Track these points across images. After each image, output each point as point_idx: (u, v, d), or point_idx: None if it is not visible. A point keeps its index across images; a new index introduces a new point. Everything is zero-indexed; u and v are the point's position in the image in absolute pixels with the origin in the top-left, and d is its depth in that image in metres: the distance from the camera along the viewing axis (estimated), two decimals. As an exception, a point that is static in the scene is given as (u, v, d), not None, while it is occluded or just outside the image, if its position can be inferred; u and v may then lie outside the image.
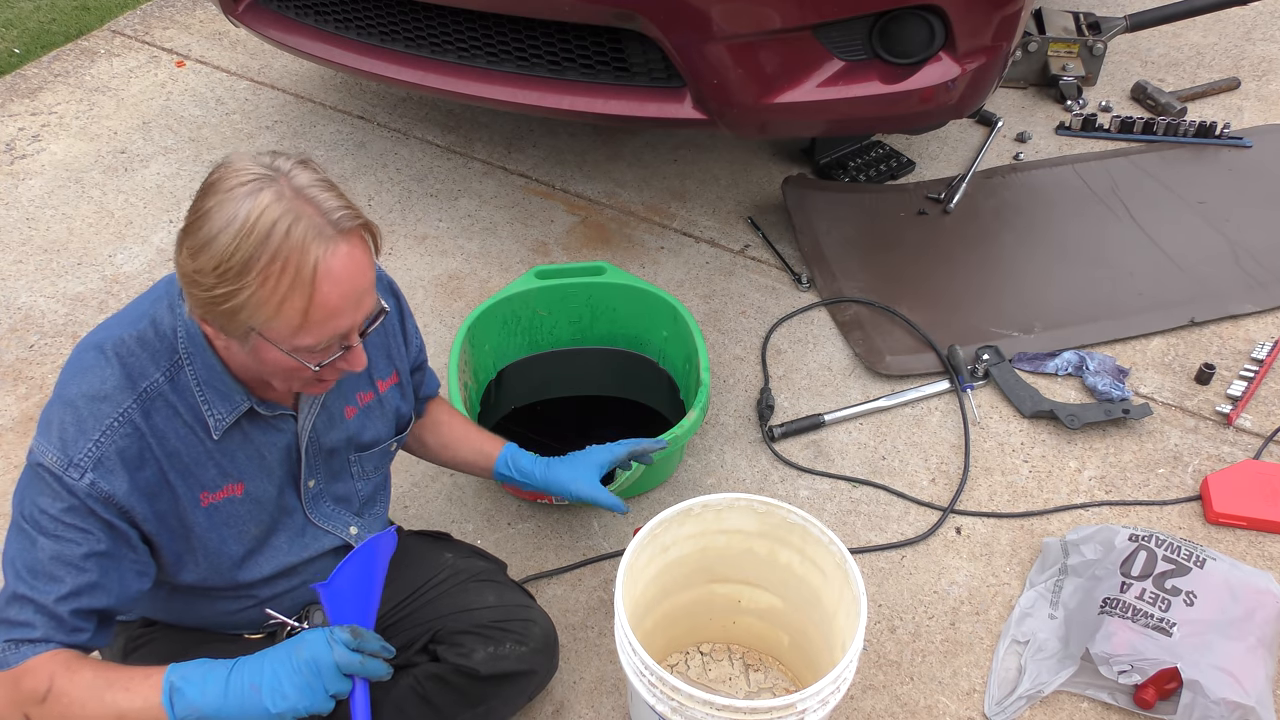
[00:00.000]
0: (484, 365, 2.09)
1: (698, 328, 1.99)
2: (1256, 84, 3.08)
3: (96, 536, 1.17)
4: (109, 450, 1.15)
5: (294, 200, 1.08)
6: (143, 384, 1.18)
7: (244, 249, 1.06)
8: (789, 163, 2.85)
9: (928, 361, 2.25)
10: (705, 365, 1.91)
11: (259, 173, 1.09)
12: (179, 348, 1.20)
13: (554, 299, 2.09)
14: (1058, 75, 3.02)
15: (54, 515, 1.15)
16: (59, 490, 1.15)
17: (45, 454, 1.15)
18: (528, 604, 1.58)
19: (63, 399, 1.17)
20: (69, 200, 2.75)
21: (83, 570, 1.17)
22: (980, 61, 2.08)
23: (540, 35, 2.17)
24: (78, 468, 1.14)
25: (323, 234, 1.08)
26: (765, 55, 2.01)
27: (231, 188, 1.07)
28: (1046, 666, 1.70)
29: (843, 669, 1.31)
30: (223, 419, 1.23)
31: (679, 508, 1.49)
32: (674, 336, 2.09)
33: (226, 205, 1.07)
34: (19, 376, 2.28)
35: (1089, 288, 2.42)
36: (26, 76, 3.22)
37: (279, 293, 1.08)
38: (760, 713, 1.28)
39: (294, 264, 1.07)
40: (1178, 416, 2.16)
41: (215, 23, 3.44)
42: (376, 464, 1.48)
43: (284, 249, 1.06)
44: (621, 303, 2.11)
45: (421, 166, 2.86)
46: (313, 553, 1.41)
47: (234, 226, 1.06)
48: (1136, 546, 1.78)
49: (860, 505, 2.01)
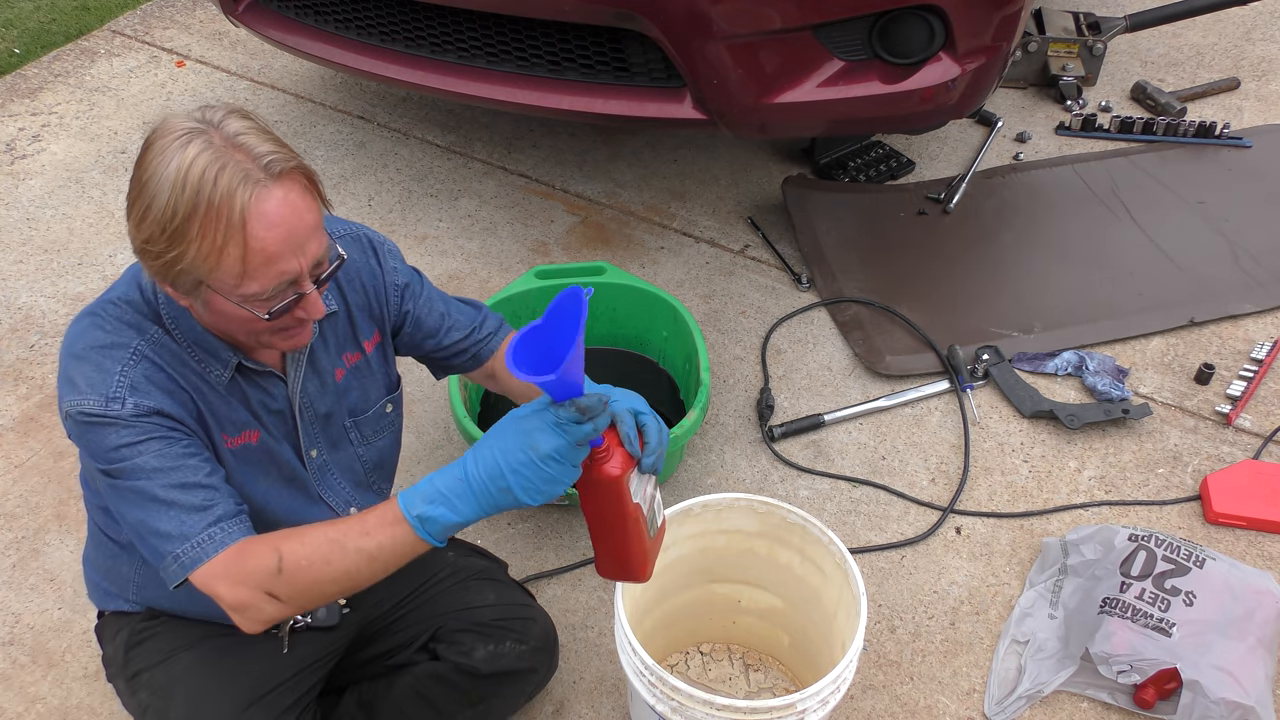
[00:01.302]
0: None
1: (698, 328, 1.99)
2: (1256, 84, 3.08)
3: (175, 436, 1.18)
4: (136, 377, 1.17)
5: (223, 148, 1.08)
6: (145, 333, 1.20)
7: (181, 206, 1.06)
8: (789, 163, 2.85)
9: (928, 361, 2.25)
10: (705, 365, 1.91)
11: (189, 126, 1.09)
12: (161, 311, 1.22)
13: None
14: (1058, 75, 3.02)
15: (130, 442, 1.16)
16: (113, 424, 1.15)
17: (80, 403, 1.16)
18: (528, 602, 1.59)
19: (73, 356, 1.19)
20: (69, 200, 2.75)
21: (194, 455, 1.18)
22: (980, 61, 2.08)
23: (540, 35, 2.17)
24: (116, 400, 1.15)
25: (250, 178, 1.08)
26: (765, 55, 2.01)
27: (164, 146, 1.08)
28: (1046, 666, 1.70)
29: (842, 669, 1.31)
30: (220, 375, 1.24)
31: (679, 507, 1.49)
32: (674, 336, 2.09)
33: (159, 164, 1.08)
34: (19, 376, 2.28)
35: (1089, 288, 2.42)
36: (26, 76, 3.22)
37: (216, 243, 1.07)
38: (760, 713, 1.28)
39: (225, 211, 1.07)
40: (1177, 416, 2.16)
41: (215, 23, 3.44)
42: (374, 428, 1.45)
43: (214, 197, 1.06)
44: (622, 303, 2.11)
45: (421, 166, 2.86)
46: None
47: (167, 184, 1.07)
48: (1136, 546, 1.78)
49: (860, 505, 2.01)
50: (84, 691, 1.74)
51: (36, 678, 1.76)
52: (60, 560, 1.93)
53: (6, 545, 1.96)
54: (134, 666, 1.38)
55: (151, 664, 1.37)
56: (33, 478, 2.07)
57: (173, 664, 1.36)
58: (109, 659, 1.44)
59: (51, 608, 1.86)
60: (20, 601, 1.87)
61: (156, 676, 1.36)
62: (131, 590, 1.38)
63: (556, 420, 1.07)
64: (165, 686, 1.35)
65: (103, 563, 1.41)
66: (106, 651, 1.45)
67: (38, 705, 1.72)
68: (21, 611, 1.85)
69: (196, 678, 1.34)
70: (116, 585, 1.40)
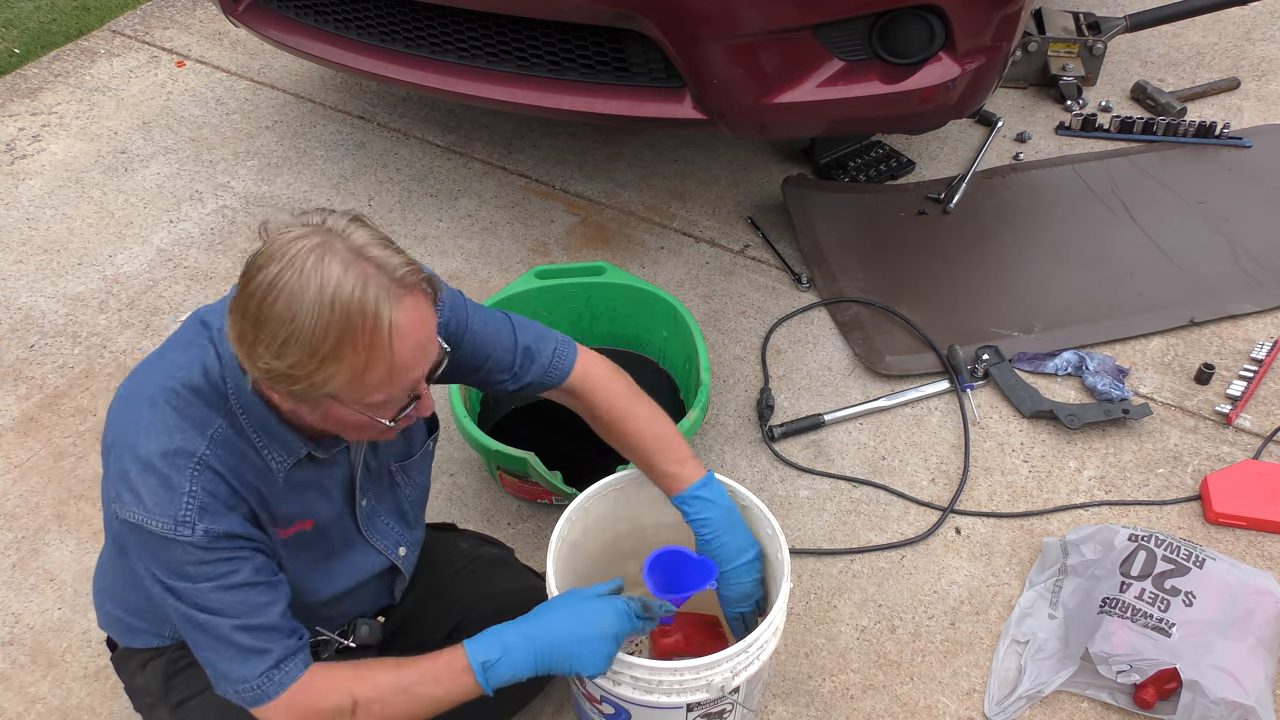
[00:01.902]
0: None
1: (698, 327, 1.99)
2: (1256, 84, 3.08)
3: (244, 557, 1.17)
4: (204, 499, 1.14)
5: (356, 261, 1.05)
6: (209, 430, 1.16)
7: (333, 329, 1.04)
8: (789, 163, 2.85)
9: (928, 361, 2.25)
10: (705, 365, 1.91)
11: (315, 241, 1.05)
12: (230, 399, 1.18)
13: (554, 299, 2.09)
14: (1058, 75, 3.02)
15: (197, 563, 1.15)
16: (185, 547, 1.14)
17: (148, 521, 1.14)
18: (541, 586, 1.61)
19: (135, 458, 1.15)
20: (69, 200, 2.75)
21: (257, 584, 1.18)
22: (980, 61, 2.08)
23: (540, 35, 2.17)
24: (186, 524, 1.13)
25: (390, 294, 1.06)
26: (765, 55, 2.01)
27: (293, 263, 1.04)
28: (1046, 666, 1.70)
29: (762, 632, 1.35)
30: (284, 463, 1.22)
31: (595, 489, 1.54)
32: (674, 336, 2.09)
33: (294, 283, 1.03)
34: (19, 376, 2.28)
35: (1089, 288, 2.42)
36: (26, 76, 3.22)
37: (360, 362, 1.07)
38: (669, 673, 1.32)
39: (373, 331, 1.05)
40: (1177, 416, 2.16)
41: (215, 23, 3.44)
42: (420, 469, 1.46)
43: (364, 318, 1.04)
44: (621, 303, 2.11)
45: (421, 166, 2.86)
46: (365, 574, 1.41)
47: (312, 305, 1.03)
48: (1136, 546, 1.78)
49: (860, 505, 2.01)
50: (84, 691, 1.74)
51: (36, 678, 1.76)
52: (60, 560, 1.93)
53: (6, 545, 1.96)
54: (178, 695, 1.36)
55: (198, 690, 1.35)
56: (33, 478, 2.07)
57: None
58: (141, 689, 1.41)
59: (51, 608, 1.86)
60: (20, 601, 1.87)
61: (207, 705, 1.34)
62: (169, 628, 1.36)
63: (629, 610, 1.29)
64: (220, 714, 1.32)
65: (134, 601, 1.37)
66: (136, 682, 1.41)
67: (38, 705, 1.72)
68: (21, 611, 1.85)
69: None
70: (150, 623, 1.37)
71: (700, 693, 1.34)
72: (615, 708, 1.41)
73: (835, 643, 1.79)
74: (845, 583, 1.88)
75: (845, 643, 1.79)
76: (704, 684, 1.33)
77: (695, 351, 1.95)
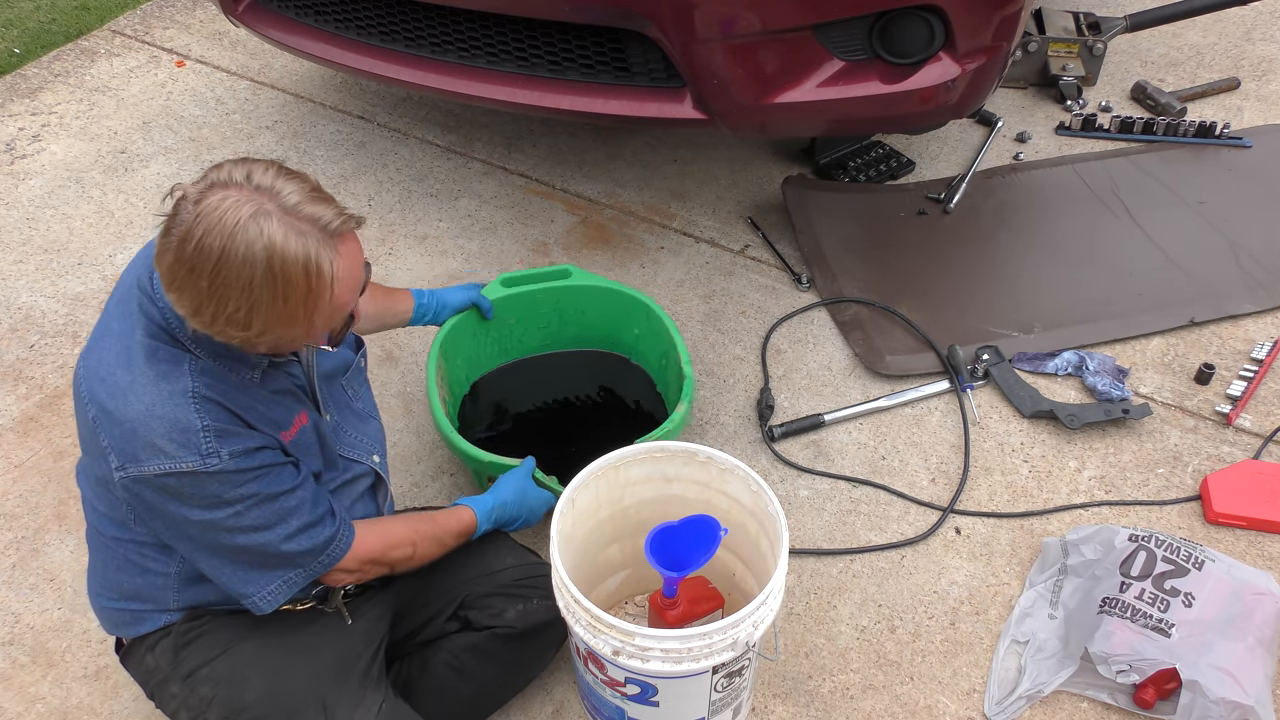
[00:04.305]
0: (458, 379, 2.08)
1: (672, 323, 2.00)
2: (1256, 84, 3.08)
3: (272, 469, 1.26)
4: (216, 425, 1.20)
5: (292, 219, 1.12)
6: (184, 364, 1.21)
7: (280, 289, 1.12)
8: (789, 163, 2.85)
9: (928, 361, 2.25)
10: (686, 358, 1.92)
11: (251, 207, 1.11)
12: (182, 340, 1.23)
13: (521, 307, 2.09)
14: (1058, 75, 3.02)
15: (234, 486, 1.22)
16: (218, 476, 1.20)
17: (177, 464, 1.19)
18: (541, 560, 1.66)
19: (132, 416, 1.19)
20: (69, 200, 2.75)
21: (290, 490, 1.28)
22: (980, 61, 2.08)
23: (540, 35, 2.17)
24: (212, 454, 1.19)
25: (329, 247, 1.15)
26: (765, 55, 2.01)
27: (230, 229, 1.09)
28: (1046, 666, 1.70)
29: (760, 603, 1.36)
30: (254, 375, 1.28)
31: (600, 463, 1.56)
32: (646, 333, 2.09)
33: (234, 249, 1.10)
34: (19, 376, 2.28)
35: (1089, 288, 2.42)
36: (26, 76, 3.23)
37: (312, 311, 1.17)
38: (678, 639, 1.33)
39: (319, 286, 1.15)
40: (1177, 416, 2.16)
41: (215, 23, 3.44)
42: (360, 381, 1.55)
43: (313, 280, 1.14)
44: (590, 304, 2.12)
45: (421, 166, 2.86)
46: (343, 480, 1.46)
47: (258, 269, 1.10)
48: (1136, 547, 1.78)
49: (860, 505, 2.01)
50: (84, 691, 1.74)
51: (36, 678, 1.76)
52: (60, 560, 1.93)
53: (6, 545, 1.96)
54: (188, 665, 1.38)
55: (209, 658, 1.38)
56: (33, 478, 2.07)
57: (235, 653, 1.38)
58: (151, 670, 1.41)
59: (51, 608, 1.86)
60: (20, 601, 1.87)
61: (218, 668, 1.37)
62: (172, 596, 1.37)
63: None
64: (233, 673, 1.36)
65: (128, 585, 1.38)
66: (146, 664, 1.42)
67: (38, 705, 1.72)
68: (21, 611, 1.85)
69: (268, 659, 1.38)
70: (152, 600, 1.38)
71: (727, 652, 1.35)
72: (641, 686, 1.42)
73: (835, 643, 1.79)
74: (845, 583, 1.88)
75: (845, 643, 1.79)
76: (730, 643, 1.35)
77: (672, 346, 1.96)
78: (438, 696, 1.57)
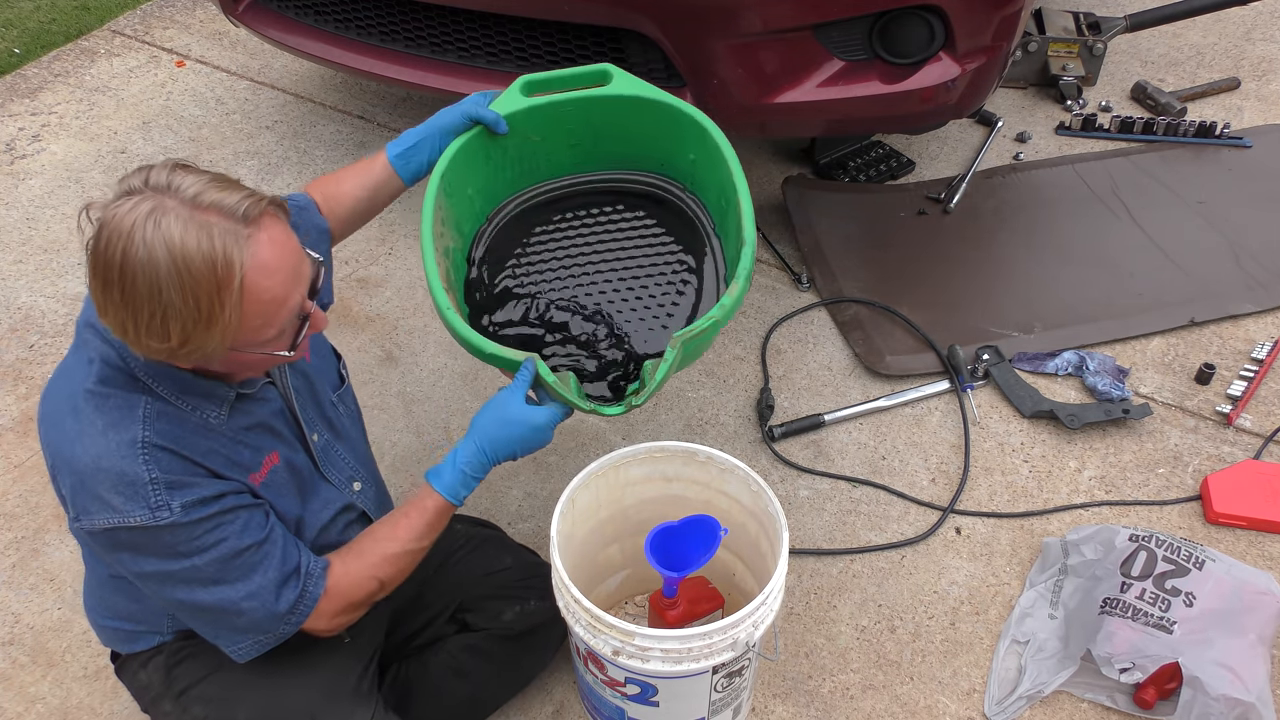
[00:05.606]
0: (466, 214, 1.60)
1: (735, 156, 1.52)
2: (1256, 84, 3.08)
3: (229, 520, 1.19)
4: (167, 476, 1.14)
5: (193, 212, 1.04)
6: (137, 410, 1.15)
7: (200, 293, 1.04)
8: (789, 163, 2.85)
9: (928, 361, 2.25)
10: (749, 214, 1.45)
11: (148, 206, 1.03)
12: (140, 377, 1.17)
13: (547, 122, 1.61)
14: (1058, 75, 3.02)
15: (187, 539, 1.16)
16: (170, 529, 1.14)
17: (125, 519, 1.13)
18: (540, 560, 1.66)
19: (80, 468, 1.13)
20: (69, 200, 2.75)
21: (248, 547, 1.20)
22: (980, 61, 2.08)
23: (540, 35, 2.17)
24: (162, 507, 1.13)
25: (237, 234, 1.06)
26: (765, 55, 2.01)
27: (133, 236, 1.02)
28: (1046, 666, 1.70)
29: (759, 603, 1.35)
30: (220, 414, 1.22)
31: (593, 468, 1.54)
32: (703, 162, 1.60)
33: (139, 257, 1.02)
34: (19, 376, 2.28)
35: (1089, 287, 2.41)
36: (26, 76, 3.22)
37: (237, 311, 1.07)
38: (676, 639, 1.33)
39: (232, 280, 1.05)
40: (1178, 416, 2.16)
41: (215, 23, 3.44)
42: (351, 396, 1.50)
43: (223, 273, 1.04)
44: (633, 119, 1.62)
45: (421, 166, 2.85)
46: (329, 516, 1.41)
47: (165, 276, 1.03)
48: (1136, 547, 1.78)
49: (860, 505, 2.01)
50: (84, 691, 1.74)
51: (36, 678, 1.76)
52: (60, 560, 1.93)
53: (6, 545, 1.96)
54: (180, 684, 1.37)
55: (200, 678, 1.36)
56: (33, 478, 2.07)
57: (226, 674, 1.34)
58: (145, 686, 1.41)
59: (51, 608, 1.86)
60: (20, 601, 1.87)
61: (210, 689, 1.35)
62: (166, 622, 1.36)
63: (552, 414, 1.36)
64: (224, 694, 1.34)
65: (123, 605, 1.37)
66: (140, 680, 1.41)
67: (38, 705, 1.72)
68: (21, 611, 1.85)
69: (260, 679, 1.34)
70: (146, 622, 1.37)
71: (727, 652, 1.35)
72: (641, 686, 1.42)
73: (835, 643, 1.79)
74: (845, 583, 1.88)
75: (845, 643, 1.79)
76: (730, 643, 1.35)
77: (733, 190, 1.48)
78: (437, 697, 1.57)
